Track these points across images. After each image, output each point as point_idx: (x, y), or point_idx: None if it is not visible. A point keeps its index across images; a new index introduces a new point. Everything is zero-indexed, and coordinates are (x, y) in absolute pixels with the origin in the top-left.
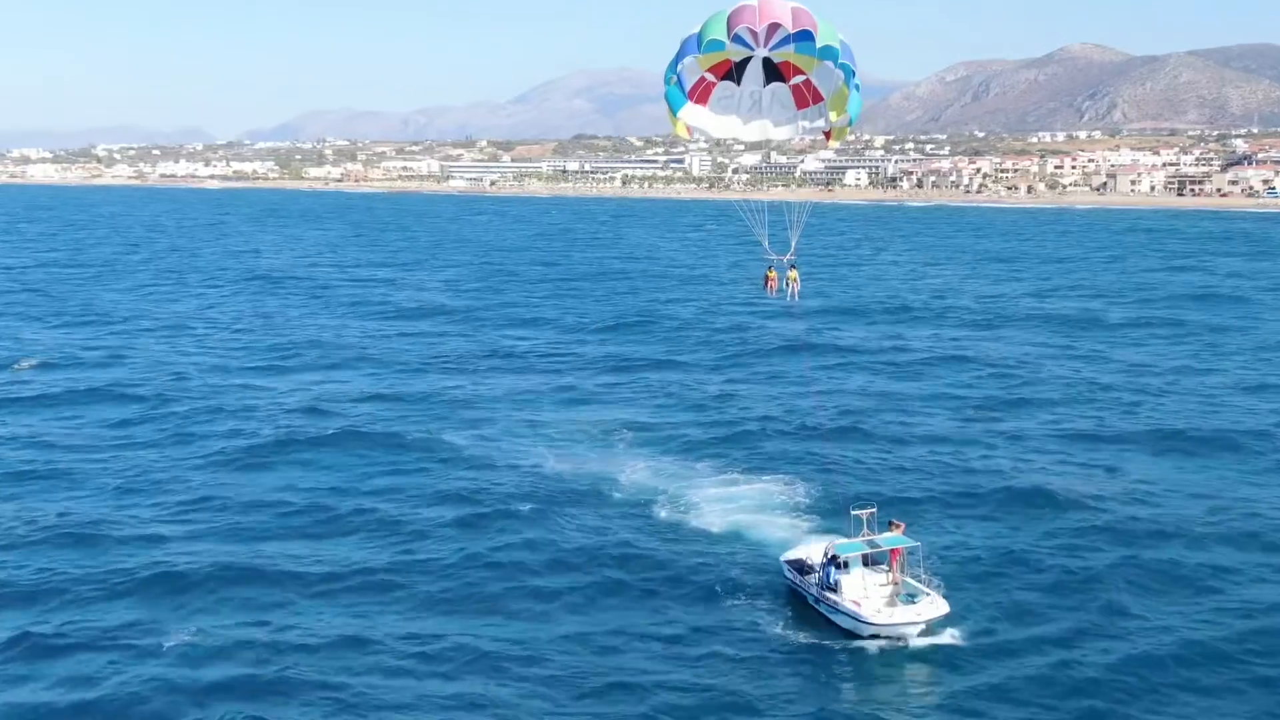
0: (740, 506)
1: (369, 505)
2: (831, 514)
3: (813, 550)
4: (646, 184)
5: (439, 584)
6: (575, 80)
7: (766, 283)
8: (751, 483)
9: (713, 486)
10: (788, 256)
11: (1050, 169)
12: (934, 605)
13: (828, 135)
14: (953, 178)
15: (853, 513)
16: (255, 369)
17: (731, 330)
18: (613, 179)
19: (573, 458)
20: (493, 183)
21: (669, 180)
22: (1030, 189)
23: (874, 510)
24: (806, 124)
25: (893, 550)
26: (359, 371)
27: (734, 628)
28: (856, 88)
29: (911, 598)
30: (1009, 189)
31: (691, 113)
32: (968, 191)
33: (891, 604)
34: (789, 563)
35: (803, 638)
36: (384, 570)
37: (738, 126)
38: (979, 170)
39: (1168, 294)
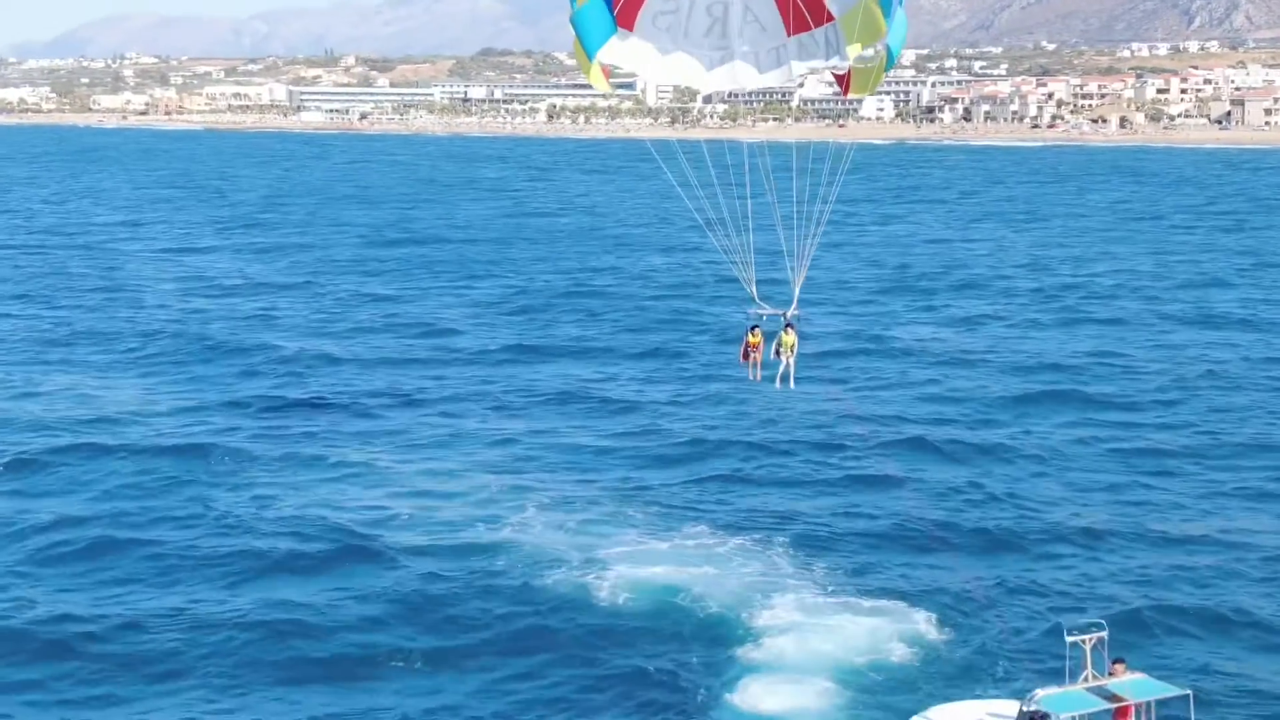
0: (726, 587)
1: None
2: (895, 596)
3: (957, 711)
4: (582, 118)
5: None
6: None
7: (745, 352)
8: (727, 542)
9: (660, 546)
10: (789, 311)
11: (1151, 94)
12: None
13: (844, 83)
14: (1014, 107)
15: (1069, 639)
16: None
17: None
18: (535, 111)
19: (436, 500)
20: (364, 116)
21: (614, 113)
22: (1124, 122)
23: (1104, 635)
24: (805, 61)
25: (1121, 711)
26: (146, 369)
27: None
28: (898, 1)
29: None
30: (1094, 122)
31: (617, 48)
32: (1035, 125)
33: None
34: None
35: None
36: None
37: (689, 67)
38: (1051, 96)
39: None
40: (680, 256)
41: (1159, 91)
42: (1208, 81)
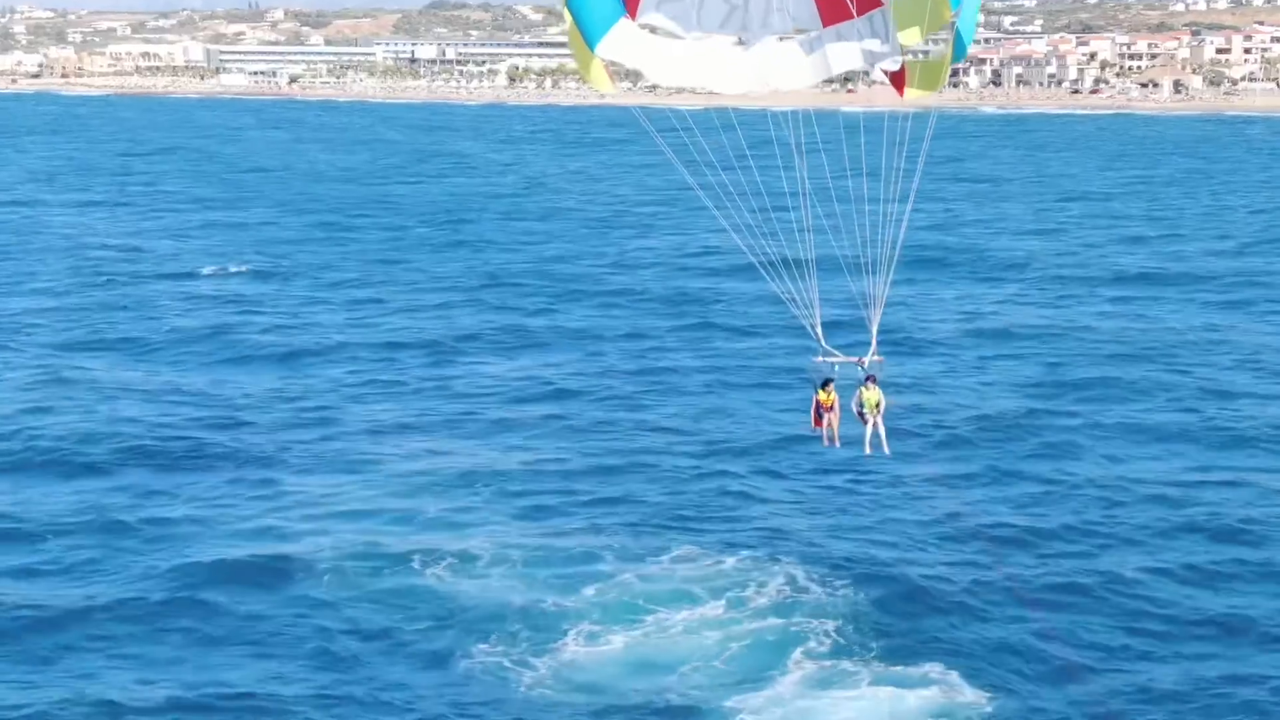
0: (713, 644)
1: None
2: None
3: None
4: (550, 81)
5: None
6: None
7: (818, 414)
8: (715, 576)
9: (632, 586)
10: (868, 359)
11: (1209, 54)
12: None
13: (898, 81)
14: (1050, 69)
15: None
16: None
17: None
18: (494, 73)
19: (367, 521)
20: (294, 79)
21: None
22: (1179, 86)
23: None
24: (846, 54)
25: None
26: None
27: None
28: None
29: None
30: (1144, 86)
31: (622, 40)
32: (1075, 90)
33: None
34: None
35: None
36: None
37: (706, 66)
38: (1093, 57)
39: None
40: (670, 240)
41: (1219, 51)
42: (1276, 39)
